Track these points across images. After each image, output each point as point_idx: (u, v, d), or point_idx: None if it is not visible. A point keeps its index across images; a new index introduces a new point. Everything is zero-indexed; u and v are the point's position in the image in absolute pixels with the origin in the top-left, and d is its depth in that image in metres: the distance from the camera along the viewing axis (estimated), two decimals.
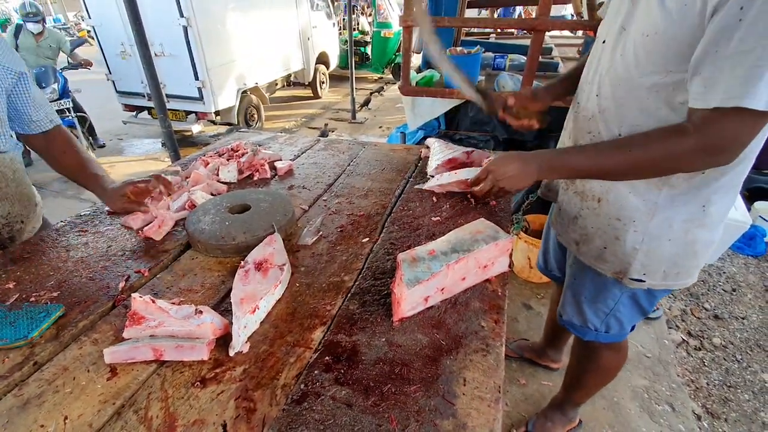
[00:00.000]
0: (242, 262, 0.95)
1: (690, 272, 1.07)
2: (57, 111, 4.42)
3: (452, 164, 1.41)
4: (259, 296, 0.84)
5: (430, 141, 1.64)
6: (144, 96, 5.29)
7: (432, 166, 1.45)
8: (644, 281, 1.08)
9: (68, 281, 0.98)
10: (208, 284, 0.97)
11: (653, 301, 1.18)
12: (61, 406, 0.69)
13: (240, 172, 1.51)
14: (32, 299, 0.92)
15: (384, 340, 0.79)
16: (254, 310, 0.81)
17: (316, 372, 0.73)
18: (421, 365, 0.74)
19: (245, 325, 0.79)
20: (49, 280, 0.99)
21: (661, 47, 0.85)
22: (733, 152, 0.82)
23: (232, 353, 0.77)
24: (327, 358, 0.76)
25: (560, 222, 1.24)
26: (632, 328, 1.30)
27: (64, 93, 4.67)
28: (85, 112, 5.13)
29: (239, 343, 0.77)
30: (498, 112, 1.29)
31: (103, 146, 5.70)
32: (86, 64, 5.15)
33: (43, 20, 4.85)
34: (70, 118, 4.66)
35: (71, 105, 4.68)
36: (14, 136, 1.23)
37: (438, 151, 1.52)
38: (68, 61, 5.13)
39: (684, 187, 0.95)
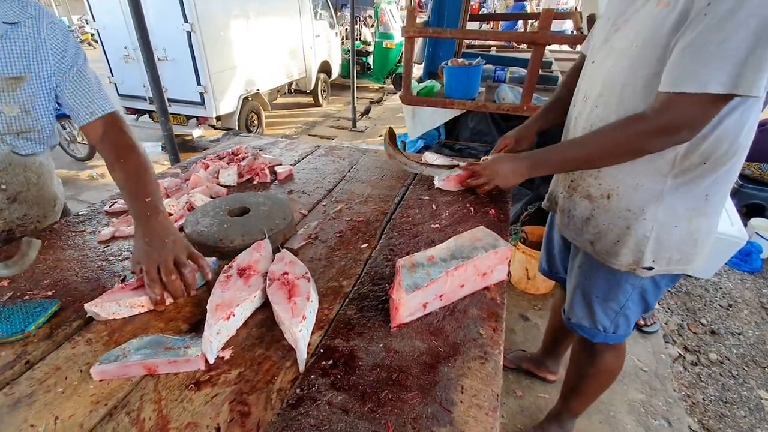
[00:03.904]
0: (226, 267, 0.94)
1: (690, 258, 1.13)
2: None
3: (459, 180, 1.40)
4: (236, 303, 0.82)
5: (428, 155, 1.64)
6: (146, 99, 5.31)
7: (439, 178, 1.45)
8: (654, 268, 1.13)
9: (63, 280, 0.97)
10: (205, 286, 0.96)
11: (658, 294, 1.23)
12: (52, 406, 0.68)
13: (240, 175, 1.51)
14: (26, 298, 0.91)
15: (381, 345, 0.79)
16: (229, 317, 0.79)
17: (312, 376, 0.72)
18: (418, 372, 0.73)
19: (218, 331, 0.77)
20: (44, 279, 0.98)
21: (653, 52, 0.93)
22: (690, 131, 0.91)
23: (211, 360, 0.75)
24: (324, 362, 0.75)
25: (573, 228, 1.27)
26: (634, 327, 1.35)
27: None
28: None
29: (213, 351, 0.76)
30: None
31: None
32: None
33: None
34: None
35: None
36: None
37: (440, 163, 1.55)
38: None
39: (687, 177, 1.02)
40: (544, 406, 1.94)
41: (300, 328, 0.76)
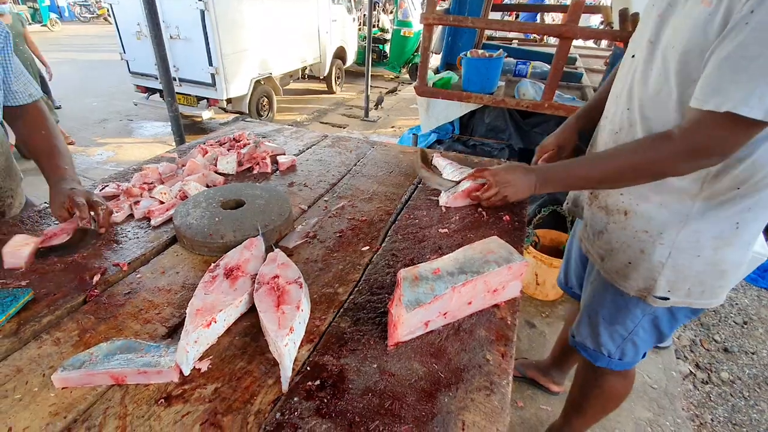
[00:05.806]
0: (212, 265, 0.87)
1: (715, 292, 1.02)
2: None
3: (467, 193, 1.26)
4: (218, 308, 0.74)
5: (438, 160, 1.51)
6: (157, 78, 5.22)
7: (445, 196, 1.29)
8: (668, 299, 1.02)
9: (39, 269, 0.90)
10: (189, 284, 0.88)
11: (675, 326, 1.12)
12: (6, 414, 0.61)
13: (239, 163, 1.43)
14: None
15: (375, 366, 0.71)
16: (210, 324, 0.72)
17: (295, 399, 0.64)
18: (414, 400, 0.65)
19: (196, 340, 0.69)
20: (19, 267, 0.91)
21: (692, 59, 0.82)
22: (719, 156, 0.81)
23: (186, 372, 0.68)
24: (310, 383, 0.67)
25: (587, 237, 1.19)
26: (644, 355, 1.24)
27: None
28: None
29: (188, 361, 0.68)
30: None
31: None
32: None
33: None
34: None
35: None
36: None
37: (449, 173, 1.40)
38: None
39: (717, 201, 0.91)
40: (546, 419, 1.87)
41: (286, 342, 0.68)
